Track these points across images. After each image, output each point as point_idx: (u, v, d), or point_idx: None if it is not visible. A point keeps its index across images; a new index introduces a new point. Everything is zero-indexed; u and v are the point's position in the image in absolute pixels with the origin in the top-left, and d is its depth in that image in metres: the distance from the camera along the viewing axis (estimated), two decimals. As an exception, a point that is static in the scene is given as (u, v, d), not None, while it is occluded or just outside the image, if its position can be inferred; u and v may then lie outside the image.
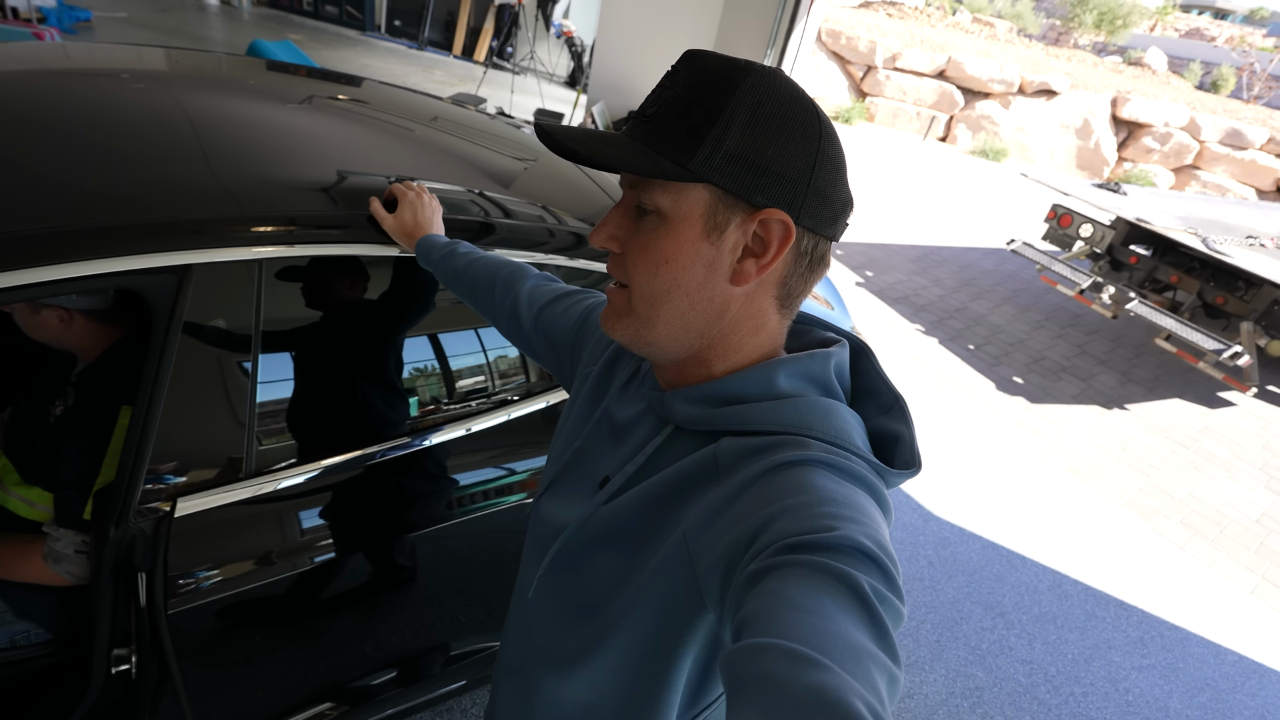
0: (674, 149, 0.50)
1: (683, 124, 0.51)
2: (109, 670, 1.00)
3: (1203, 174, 13.87)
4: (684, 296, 0.54)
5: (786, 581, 0.39)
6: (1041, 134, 14.43)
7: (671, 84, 0.53)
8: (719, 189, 0.51)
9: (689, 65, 0.52)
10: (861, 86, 15.09)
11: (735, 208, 0.52)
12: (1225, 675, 2.46)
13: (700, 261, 0.53)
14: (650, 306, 0.55)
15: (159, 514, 0.94)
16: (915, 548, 2.71)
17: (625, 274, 0.57)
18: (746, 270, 0.54)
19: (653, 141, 0.52)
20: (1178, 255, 4.95)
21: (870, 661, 0.35)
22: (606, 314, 0.59)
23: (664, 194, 0.53)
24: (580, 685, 0.60)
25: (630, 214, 0.56)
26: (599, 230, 0.57)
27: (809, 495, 0.46)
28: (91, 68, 1.37)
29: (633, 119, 0.55)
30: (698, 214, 0.52)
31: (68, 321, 1.09)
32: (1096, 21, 32.21)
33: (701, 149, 0.50)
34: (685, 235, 0.53)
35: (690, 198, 0.52)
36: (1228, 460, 4.11)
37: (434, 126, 1.61)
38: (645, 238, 0.54)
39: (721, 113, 0.50)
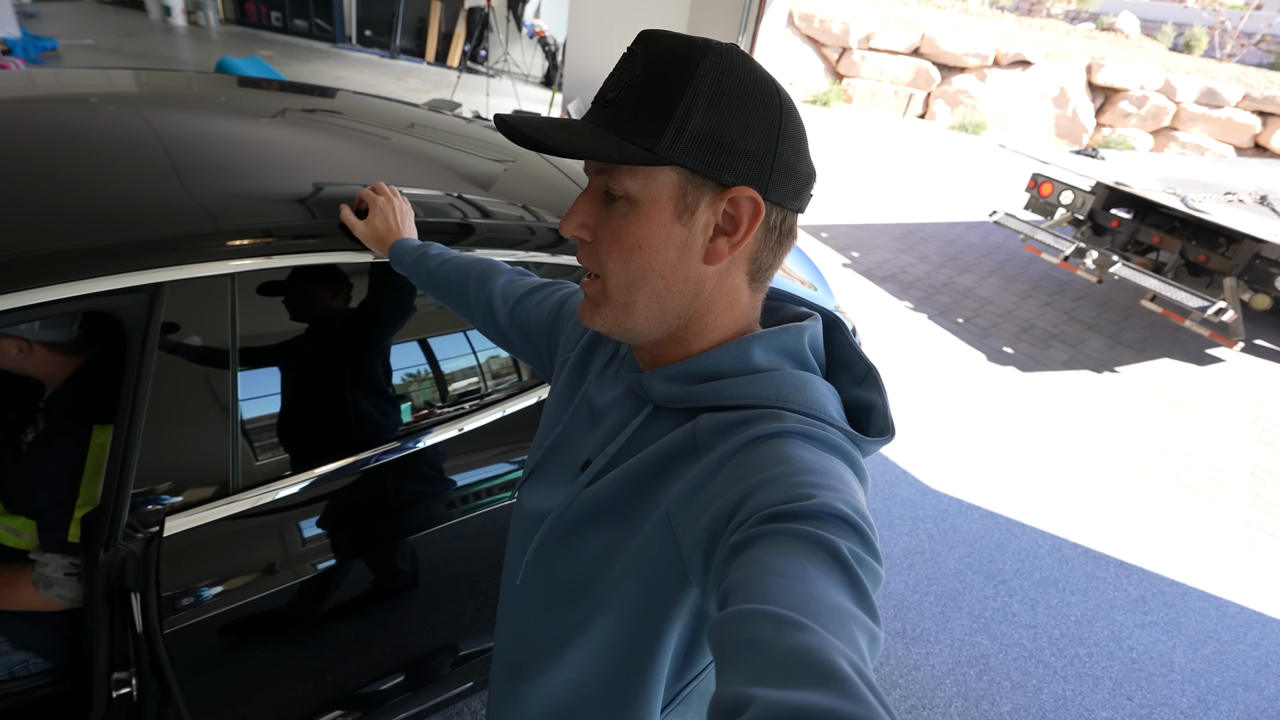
0: (639, 133, 0.50)
1: (645, 107, 0.51)
2: (110, 695, 1.00)
3: (1181, 135, 13.93)
4: (659, 280, 0.55)
5: (768, 550, 0.40)
6: (1019, 105, 14.47)
7: (630, 67, 0.52)
8: (687, 170, 0.52)
9: (646, 46, 0.52)
10: (837, 69, 15.09)
11: (704, 188, 0.52)
12: (1227, 627, 2.49)
13: (673, 244, 0.54)
14: (626, 292, 0.56)
15: (148, 534, 0.94)
16: (915, 522, 2.73)
17: (598, 262, 0.57)
18: (719, 249, 0.54)
19: (616, 126, 0.51)
20: (1158, 216, 4.98)
21: (852, 622, 0.36)
22: (584, 307, 0.59)
23: (632, 179, 0.52)
24: (571, 665, 0.61)
25: (598, 200, 0.56)
26: (568, 219, 0.57)
27: (787, 466, 0.46)
28: (58, 94, 1.36)
29: (594, 104, 0.55)
30: (667, 196, 0.53)
31: (27, 352, 1.09)
32: (1067, -11, 32.21)
33: (667, 131, 0.50)
34: (656, 219, 0.53)
35: (659, 181, 0.52)
36: (1219, 416, 4.14)
37: (410, 133, 1.60)
38: (616, 224, 0.54)
39: (684, 94, 0.50)
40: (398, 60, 10.70)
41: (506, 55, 9.45)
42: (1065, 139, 14.39)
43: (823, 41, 14.92)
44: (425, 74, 10.03)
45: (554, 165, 1.73)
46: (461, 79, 8.57)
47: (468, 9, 10.45)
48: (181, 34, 9.91)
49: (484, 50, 10.17)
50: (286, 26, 11.07)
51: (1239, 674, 2.30)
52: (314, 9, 10.86)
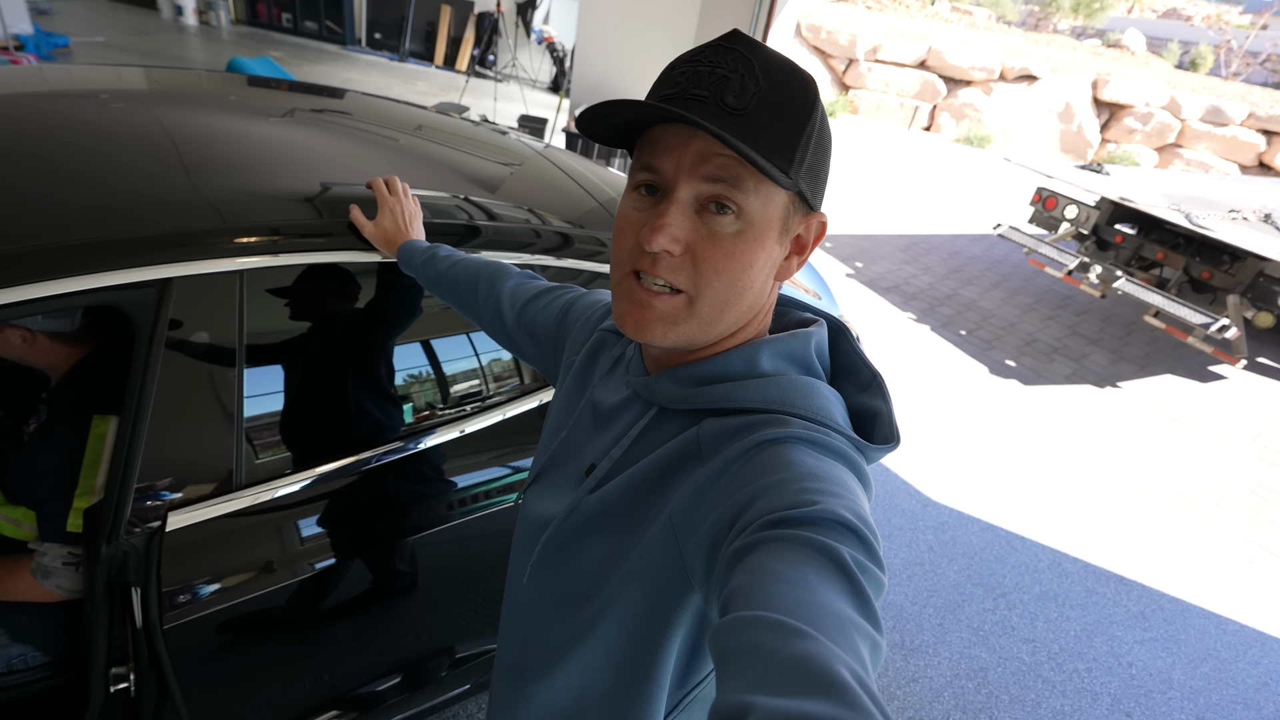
0: (774, 152, 0.50)
1: (780, 128, 0.50)
2: (108, 689, 0.99)
3: (1185, 152, 13.96)
4: (751, 296, 0.56)
5: (770, 556, 0.40)
6: (1024, 119, 14.51)
7: (751, 75, 0.49)
8: (797, 194, 0.54)
9: (756, 54, 0.50)
10: (844, 80, 15.15)
11: (800, 211, 0.55)
12: (1227, 645, 2.48)
13: (771, 263, 0.56)
14: (720, 310, 0.54)
15: (150, 529, 0.94)
16: (915, 533, 2.72)
17: (689, 278, 0.53)
18: (790, 267, 0.58)
19: (749, 139, 0.49)
20: (1162, 232, 4.98)
21: (854, 630, 0.36)
22: (648, 321, 0.54)
23: (757, 197, 0.51)
24: (572, 671, 0.61)
25: (690, 214, 0.52)
26: (660, 231, 0.51)
27: (790, 471, 0.47)
28: (69, 89, 1.37)
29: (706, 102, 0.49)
30: (778, 218, 0.54)
31: (30, 341, 1.10)
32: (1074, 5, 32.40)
33: (796, 156, 0.51)
34: (767, 238, 0.53)
35: (776, 201, 0.53)
36: (1221, 433, 4.13)
37: (417, 135, 1.61)
38: (727, 243, 0.52)
39: (809, 120, 0.52)
40: (407, 63, 10.75)
41: (515, 60, 9.49)
42: (1070, 154, 14.42)
43: (830, 52, 14.98)
44: (434, 77, 10.08)
45: (560, 169, 1.74)
46: (470, 83, 8.61)
47: (477, 14, 10.51)
48: (193, 33, 9.97)
49: (492, 55, 10.23)
50: (297, 28, 11.14)
51: (1238, 692, 2.29)
52: (325, 11, 10.93)
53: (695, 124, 0.47)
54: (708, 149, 0.50)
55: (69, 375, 1.13)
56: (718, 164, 0.50)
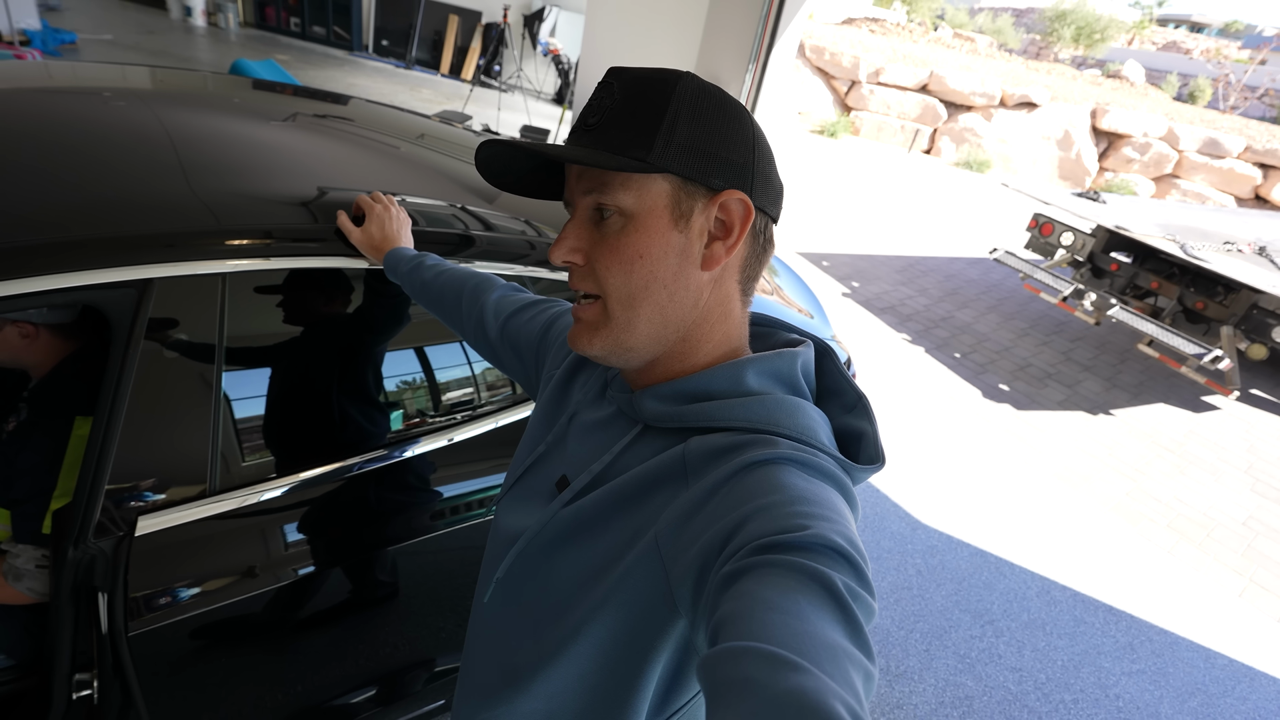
0: (628, 146, 0.52)
1: (631, 123, 0.53)
2: (70, 696, 0.97)
3: (1182, 183, 14.10)
4: (662, 289, 0.55)
5: (761, 582, 0.39)
6: (1024, 145, 14.65)
7: (609, 94, 0.55)
8: (679, 177, 0.54)
9: (620, 76, 0.55)
10: (846, 101, 15.29)
11: (696, 193, 0.55)
12: (1215, 679, 2.46)
13: (672, 251, 0.55)
14: (629, 307, 0.56)
15: (119, 533, 0.92)
16: (903, 556, 2.70)
17: (595, 283, 0.57)
18: (716, 253, 0.56)
19: (605, 144, 0.53)
20: (1157, 262, 5.01)
21: (847, 660, 0.36)
22: (578, 332, 0.59)
23: (626, 191, 0.54)
24: (539, 695, 0.59)
25: (587, 223, 0.57)
26: (558, 246, 0.57)
27: (780, 494, 0.46)
28: (72, 86, 1.36)
29: (574, 132, 0.57)
30: (663, 205, 0.54)
31: (33, 337, 1.08)
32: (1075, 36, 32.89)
33: (655, 142, 0.52)
34: (654, 227, 0.54)
35: (653, 190, 0.54)
36: (1213, 464, 4.13)
37: (419, 143, 1.61)
38: (613, 240, 0.55)
39: (666, 108, 0.53)
40: (412, 71, 10.83)
41: (520, 71, 9.56)
42: (1068, 181, 14.55)
43: (832, 74, 15.14)
44: (439, 85, 10.14)
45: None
46: (474, 92, 8.67)
47: (484, 24, 10.60)
48: (200, 34, 10.03)
49: (498, 65, 10.30)
50: (305, 32, 11.22)
51: (1226, 728, 2.26)
52: (333, 16, 11.02)
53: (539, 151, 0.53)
54: (579, 167, 0.56)
55: (52, 374, 1.11)
56: (589, 175, 0.56)
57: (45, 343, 1.10)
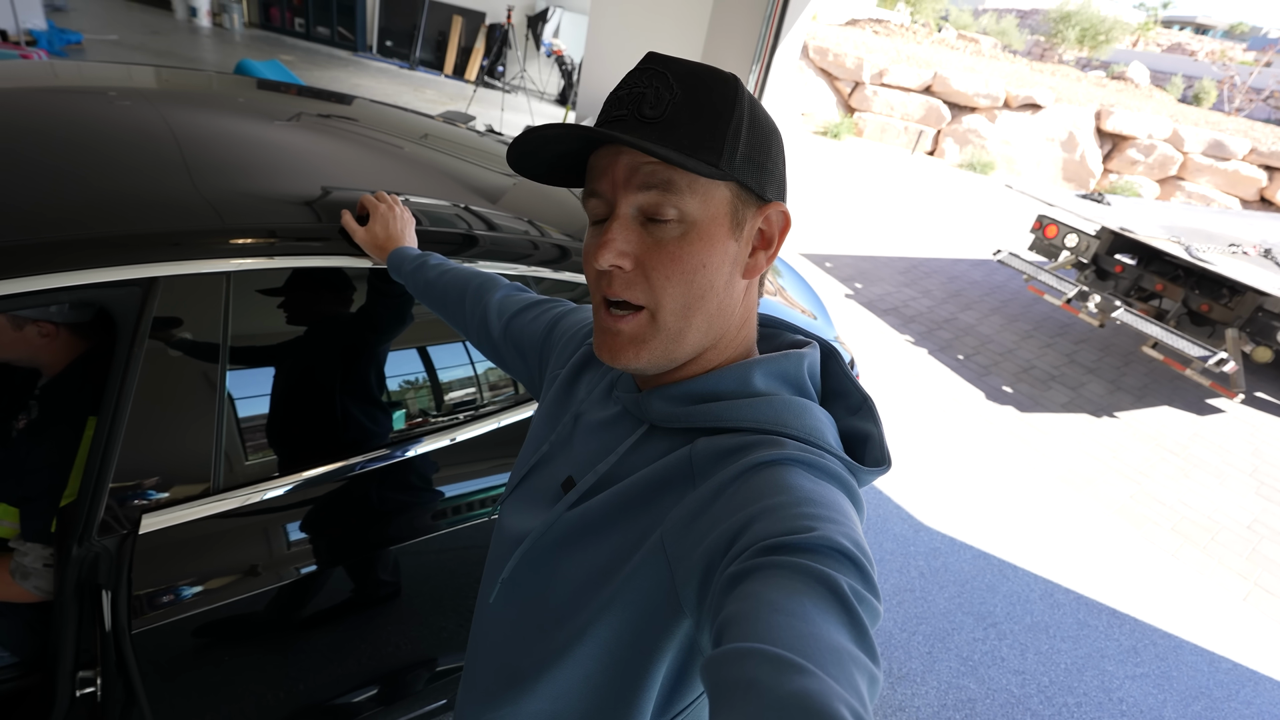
0: (699, 148, 0.51)
1: (700, 124, 0.51)
2: (74, 693, 0.97)
3: (1187, 185, 14.06)
4: (715, 298, 0.55)
5: (767, 584, 0.39)
6: (1028, 147, 14.62)
7: (665, 86, 0.52)
8: (740, 186, 0.54)
9: (671, 68, 0.53)
10: (849, 102, 15.28)
11: (750, 204, 0.55)
12: (1219, 683, 2.45)
13: (729, 260, 0.55)
14: (683, 318, 0.54)
15: (123, 531, 0.92)
16: (906, 558, 2.70)
17: (647, 291, 0.54)
18: (758, 262, 0.57)
19: (669, 140, 0.50)
20: (1162, 264, 5.00)
21: (851, 663, 0.36)
22: (618, 346, 0.55)
23: (693, 196, 0.52)
24: (544, 696, 0.59)
25: (634, 227, 0.53)
26: (605, 249, 0.52)
27: (787, 495, 0.46)
28: (77, 85, 1.37)
29: (626, 119, 0.52)
30: (725, 213, 0.54)
31: (52, 336, 1.09)
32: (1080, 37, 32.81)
33: (725, 148, 0.52)
34: (717, 236, 0.54)
35: (717, 197, 0.53)
36: (1218, 467, 4.11)
37: (422, 144, 1.61)
38: (673, 247, 0.52)
39: (733, 114, 0.52)
40: (416, 71, 10.85)
41: (524, 72, 9.58)
42: (1072, 183, 14.51)
43: (836, 75, 15.13)
44: (442, 86, 10.16)
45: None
46: (477, 93, 8.68)
47: (488, 25, 10.61)
48: (205, 35, 10.06)
49: (502, 66, 10.31)
50: (309, 33, 11.25)
51: (1230, 732, 2.25)
52: (337, 17, 11.05)
53: (612, 138, 0.50)
54: (634, 161, 0.52)
55: (63, 373, 1.11)
56: (646, 172, 0.52)
57: (63, 342, 1.11)
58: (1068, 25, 32.37)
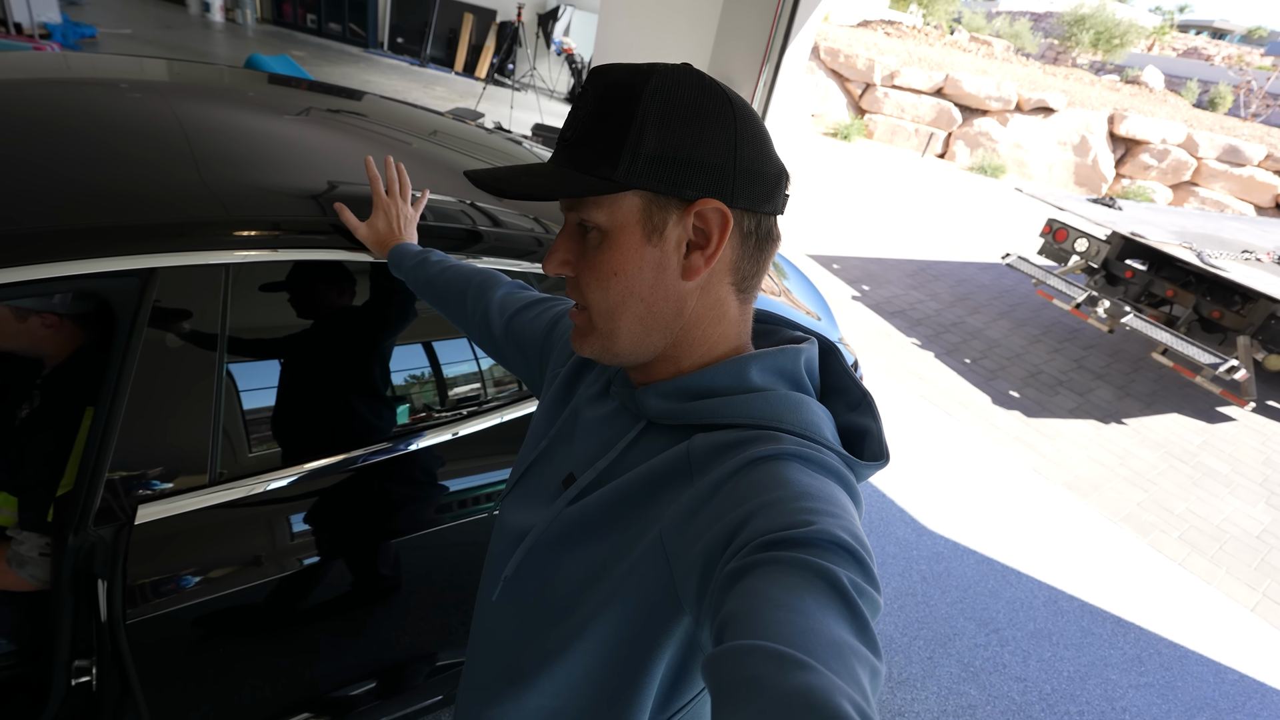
0: (597, 164, 0.52)
1: (600, 139, 0.52)
2: (69, 682, 0.98)
3: (1201, 190, 13.93)
4: (639, 303, 0.55)
5: (767, 580, 0.39)
6: (1039, 150, 14.53)
7: (583, 104, 0.54)
8: (648, 192, 0.53)
9: (595, 82, 0.54)
10: (860, 104, 15.22)
11: (668, 206, 0.53)
12: (1225, 694, 2.42)
13: (647, 266, 0.54)
14: (609, 320, 0.56)
15: (118, 521, 0.92)
16: (908, 562, 2.68)
17: (581, 294, 0.58)
18: (695, 264, 0.55)
19: (576, 162, 0.53)
20: (1173, 269, 4.95)
21: (853, 657, 0.35)
22: (574, 335, 0.60)
23: (598, 209, 0.54)
24: (545, 692, 0.59)
25: (575, 236, 0.57)
26: (550, 258, 0.58)
27: (784, 490, 0.46)
28: (89, 77, 1.37)
29: (557, 145, 0.57)
30: (634, 221, 0.54)
31: (56, 327, 1.09)
32: (1094, 41, 32.57)
33: (622, 158, 0.51)
34: (626, 244, 0.54)
35: (623, 207, 0.53)
36: (1227, 475, 4.07)
37: (431, 140, 1.61)
38: (592, 255, 0.56)
39: (633, 117, 0.51)
40: (427, 68, 10.88)
41: (533, 70, 9.58)
42: (1084, 187, 14.41)
43: (847, 76, 15.08)
44: (452, 83, 10.18)
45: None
46: (487, 90, 8.69)
47: (499, 23, 10.63)
48: (218, 30, 10.12)
49: (511, 64, 10.33)
50: (321, 29, 11.30)
51: (1235, 744, 2.23)
52: (349, 13, 11.08)
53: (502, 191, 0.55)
54: None
55: (66, 363, 1.12)
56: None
57: (66, 333, 1.11)
58: (1082, 29, 32.13)
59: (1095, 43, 32.01)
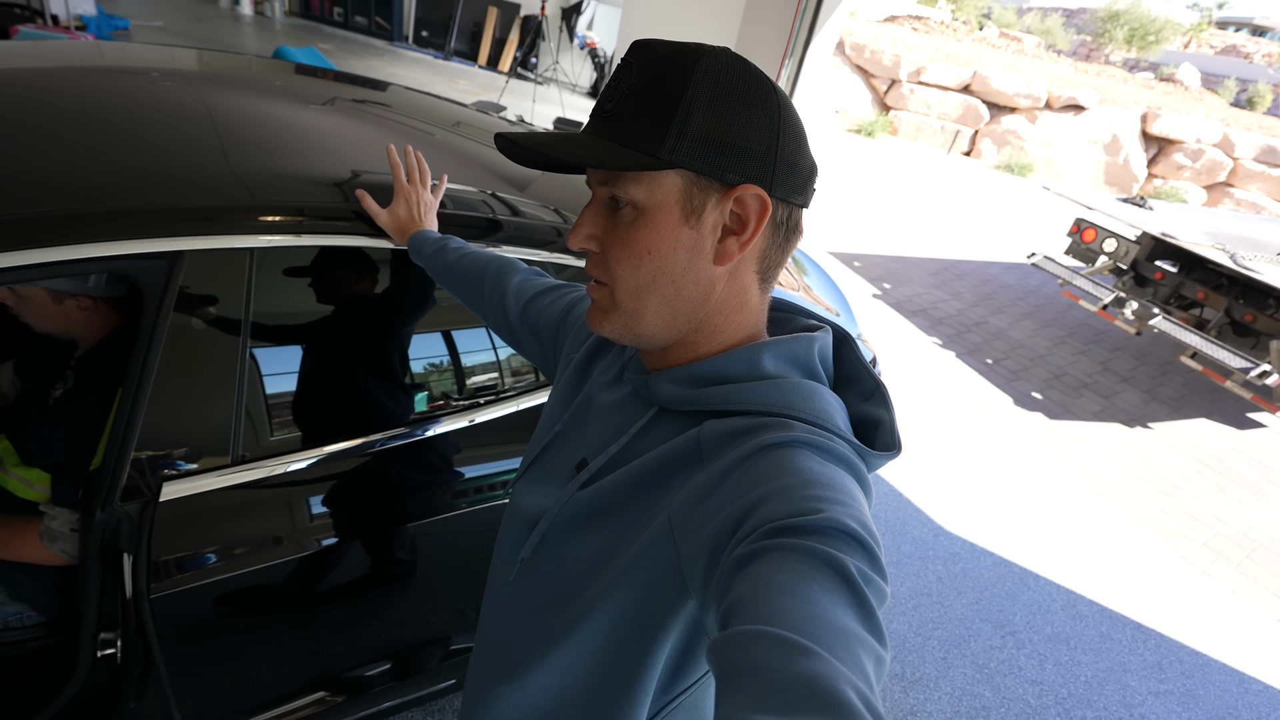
0: (641, 139, 0.51)
1: (645, 113, 0.51)
2: (95, 654, 1.00)
3: (1236, 191, 13.57)
4: (669, 284, 0.55)
5: (773, 566, 0.39)
6: (1069, 149, 14.24)
7: (626, 76, 0.53)
8: (691, 172, 0.52)
9: (640, 55, 0.53)
10: (885, 100, 15.03)
11: (709, 189, 0.53)
12: (1249, 705, 2.37)
13: (682, 247, 0.54)
14: (636, 299, 0.55)
15: (144, 498, 0.95)
16: (924, 562, 2.66)
17: (606, 271, 0.56)
18: (729, 249, 0.54)
19: (618, 135, 0.52)
20: (1205, 271, 4.83)
21: (858, 645, 0.35)
22: (591, 312, 0.59)
23: (638, 186, 0.53)
24: (552, 671, 0.60)
25: (603, 210, 0.56)
26: (575, 232, 0.57)
27: (794, 477, 0.46)
28: (122, 65, 1.41)
29: (593, 116, 0.55)
30: (674, 200, 0.53)
31: (90, 310, 1.12)
32: (1128, 37, 31.81)
33: (668, 135, 0.50)
34: (664, 223, 0.53)
35: (664, 185, 0.52)
36: (1256, 483, 3.97)
37: (454, 131, 1.62)
38: (624, 232, 0.54)
39: (682, 96, 0.50)
40: (450, 62, 10.94)
41: (556, 64, 9.60)
42: (1114, 187, 14.11)
43: (872, 72, 14.89)
44: (476, 77, 10.23)
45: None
46: (510, 84, 8.72)
47: (522, 17, 10.66)
48: (247, 22, 10.27)
49: (535, 58, 10.35)
50: (347, 22, 11.42)
51: (1257, 756, 2.18)
52: (375, 7, 11.19)
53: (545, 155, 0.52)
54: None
55: (99, 345, 1.15)
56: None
57: (100, 316, 1.14)
58: (1116, 25, 31.40)
59: (1129, 39, 31.27)
